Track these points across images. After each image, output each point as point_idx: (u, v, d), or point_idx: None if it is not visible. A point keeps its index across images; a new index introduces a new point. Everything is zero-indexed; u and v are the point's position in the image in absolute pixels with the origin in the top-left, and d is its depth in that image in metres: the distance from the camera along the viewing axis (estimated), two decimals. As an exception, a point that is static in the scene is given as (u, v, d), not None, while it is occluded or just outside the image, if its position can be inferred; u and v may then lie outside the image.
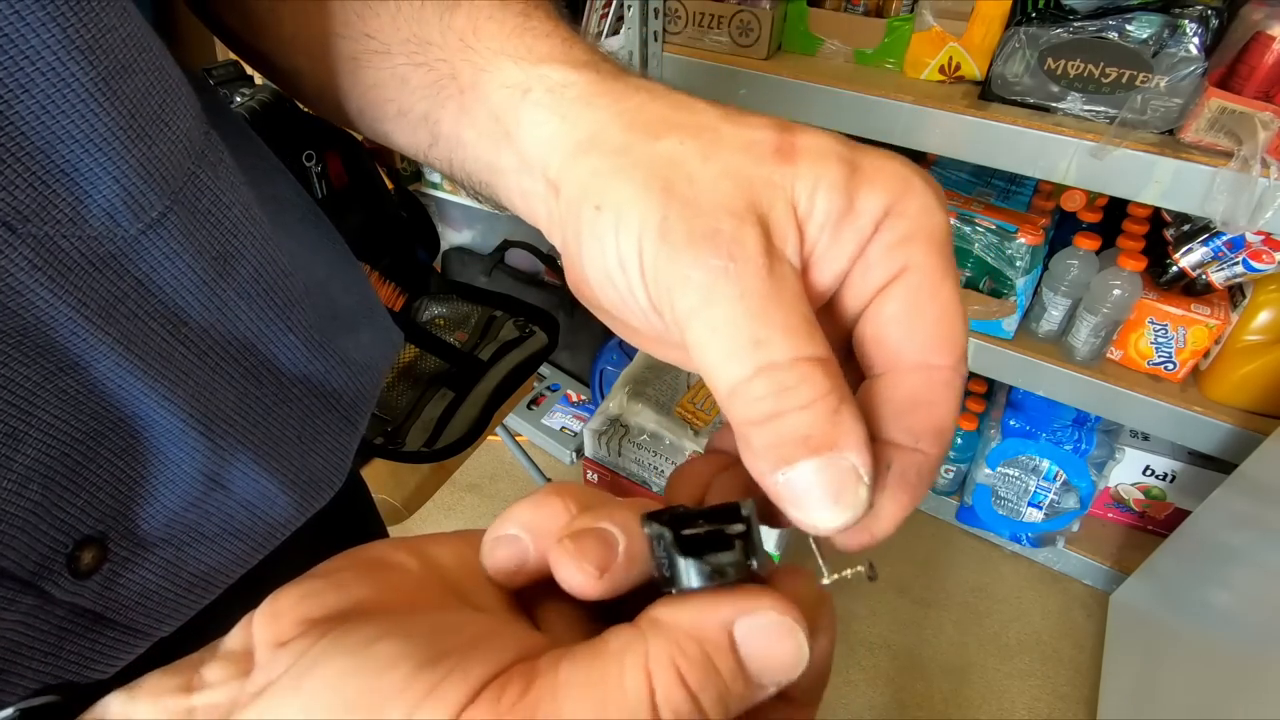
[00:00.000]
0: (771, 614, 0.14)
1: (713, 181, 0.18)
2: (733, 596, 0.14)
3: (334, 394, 0.33)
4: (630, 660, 0.14)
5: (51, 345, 0.22)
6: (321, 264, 0.35)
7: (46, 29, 0.20)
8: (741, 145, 0.18)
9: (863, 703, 1.22)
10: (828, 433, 0.16)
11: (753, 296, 0.16)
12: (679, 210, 0.17)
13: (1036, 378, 1.13)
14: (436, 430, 0.83)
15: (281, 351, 0.30)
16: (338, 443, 0.33)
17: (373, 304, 0.39)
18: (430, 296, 0.94)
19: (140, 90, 0.23)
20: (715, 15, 1.09)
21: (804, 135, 0.18)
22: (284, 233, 0.31)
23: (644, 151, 0.19)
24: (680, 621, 0.14)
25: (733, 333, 0.16)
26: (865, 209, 0.18)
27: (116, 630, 0.26)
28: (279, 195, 0.34)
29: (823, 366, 0.16)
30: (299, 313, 0.30)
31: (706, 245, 0.17)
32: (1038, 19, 0.90)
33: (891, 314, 0.18)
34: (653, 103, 0.20)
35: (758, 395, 0.16)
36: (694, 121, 0.19)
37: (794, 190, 0.18)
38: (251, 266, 0.28)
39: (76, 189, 0.22)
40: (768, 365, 0.16)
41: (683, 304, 0.17)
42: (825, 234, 0.18)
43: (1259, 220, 0.82)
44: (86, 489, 0.24)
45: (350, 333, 0.34)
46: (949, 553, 1.43)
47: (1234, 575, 0.99)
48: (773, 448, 0.16)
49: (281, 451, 0.30)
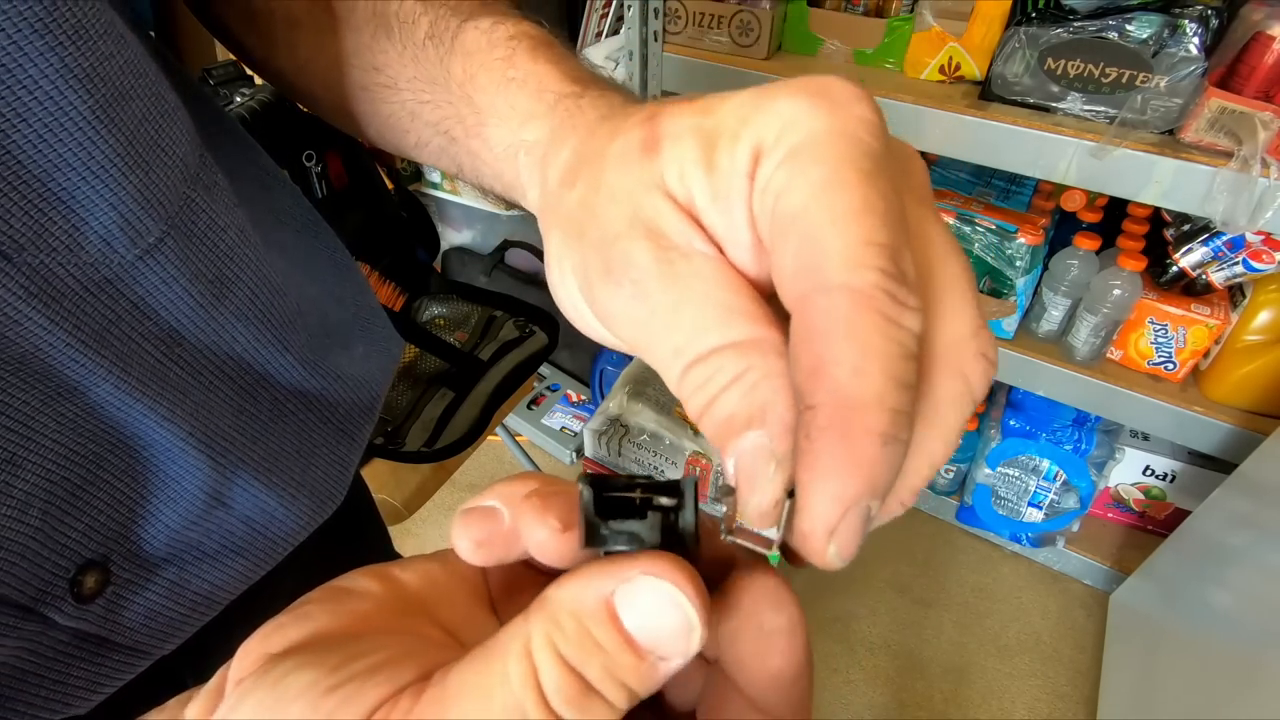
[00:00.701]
0: (646, 578, 0.13)
1: (603, 210, 0.17)
2: (613, 565, 0.14)
3: (331, 408, 0.33)
4: (514, 648, 0.13)
5: (49, 371, 0.22)
6: (315, 279, 0.35)
7: (45, 58, 0.20)
8: (617, 156, 0.18)
9: (863, 703, 1.22)
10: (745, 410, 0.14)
11: (657, 310, 0.16)
12: (590, 253, 0.17)
13: (1036, 378, 1.13)
14: (436, 430, 0.83)
15: (277, 369, 0.30)
16: (337, 456, 0.33)
17: (369, 315, 0.39)
18: (430, 296, 0.94)
19: (137, 117, 0.23)
20: (715, 15, 1.09)
21: (666, 119, 0.17)
22: (278, 250, 0.31)
23: (565, 201, 0.19)
24: (560, 597, 0.14)
25: (657, 349, 0.16)
26: (726, 165, 0.16)
27: (121, 653, 0.26)
28: (276, 207, 0.34)
29: (738, 348, 0.15)
30: (293, 331, 0.30)
31: (611, 278, 0.17)
32: (1038, 19, 0.90)
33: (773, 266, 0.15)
34: (578, 146, 0.20)
35: (688, 394, 0.16)
36: (592, 153, 0.19)
37: (665, 182, 0.16)
38: (247, 288, 0.28)
39: (73, 216, 0.22)
40: (688, 364, 0.15)
41: (622, 335, 0.17)
42: (709, 211, 0.16)
43: (1259, 220, 0.82)
44: (88, 512, 0.24)
45: (343, 348, 0.34)
46: (949, 553, 1.43)
47: (1234, 575, 0.99)
48: (714, 438, 0.15)
49: (281, 467, 0.30)
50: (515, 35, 0.25)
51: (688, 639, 0.13)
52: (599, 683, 0.13)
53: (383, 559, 0.59)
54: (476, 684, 0.13)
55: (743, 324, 0.15)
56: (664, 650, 0.13)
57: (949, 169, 1.23)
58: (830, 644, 1.29)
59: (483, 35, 0.25)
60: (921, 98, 0.98)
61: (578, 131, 0.21)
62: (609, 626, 0.13)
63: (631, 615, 0.13)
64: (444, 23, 0.26)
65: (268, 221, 0.31)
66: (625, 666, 0.13)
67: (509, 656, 0.13)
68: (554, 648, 0.13)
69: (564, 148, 0.21)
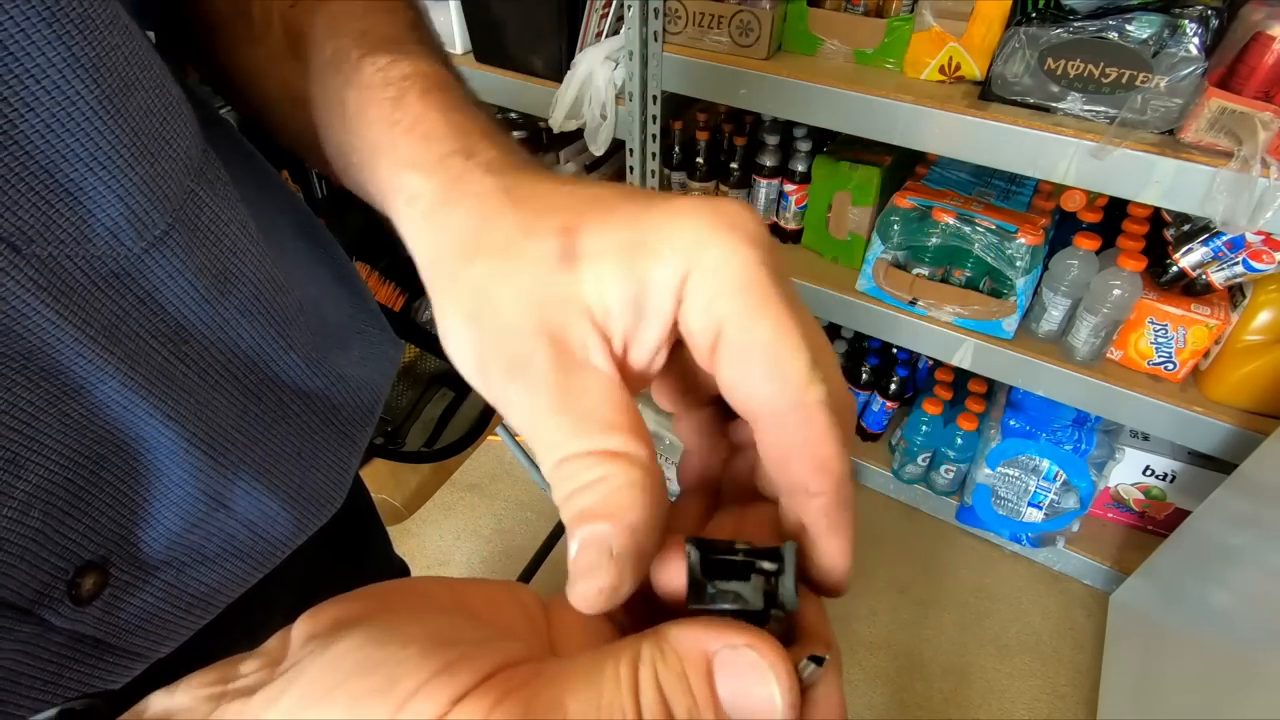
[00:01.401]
0: (748, 652, 0.15)
1: (509, 306, 0.18)
2: (724, 627, 0.15)
3: (333, 410, 0.33)
4: (625, 657, 0.15)
5: (55, 369, 0.22)
6: (313, 281, 0.35)
7: (52, 47, 0.20)
8: (532, 261, 0.19)
9: (863, 703, 1.22)
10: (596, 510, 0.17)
11: (543, 410, 0.18)
12: (488, 342, 0.19)
13: (1036, 378, 1.13)
14: (436, 430, 0.83)
15: (281, 368, 0.30)
16: (337, 459, 0.33)
17: (368, 318, 0.39)
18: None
19: (143, 108, 0.23)
20: (715, 15, 1.09)
21: (586, 235, 0.18)
22: (278, 250, 0.31)
23: (460, 278, 0.20)
24: (669, 636, 0.15)
25: (539, 439, 0.18)
26: (658, 285, 0.18)
27: (116, 655, 0.26)
28: (273, 210, 0.34)
29: (607, 455, 0.17)
30: (296, 329, 0.30)
31: (509, 375, 0.18)
32: (1038, 19, 0.90)
33: (727, 379, 0.18)
34: (470, 218, 0.20)
35: (556, 485, 0.18)
36: (497, 238, 0.19)
37: (583, 297, 0.18)
38: (251, 284, 0.28)
39: (80, 208, 0.22)
40: (559, 461, 0.17)
41: (510, 418, 0.19)
42: (629, 321, 0.18)
43: (1259, 220, 0.82)
44: (88, 514, 0.24)
45: (341, 349, 0.34)
46: (949, 553, 1.43)
47: (1234, 575, 0.99)
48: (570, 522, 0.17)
49: (281, 469, 0.30)
50: (409, 75, 0.24)
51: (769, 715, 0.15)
52: None
53: (382, 563, 0.59)
54: (588, 677, 0.14)
55: (617, 437, 0.17)
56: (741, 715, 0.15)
57: (949, 169, 1.23)
58: (830, 644, 1.29)
59: (378, 72, 0.24)
60: (921, 98, 0.98)
61: (469, 198, 0.21)
62: (703, 680, 0.15)
63: (724, 676, 0.15)
64: (343, 53, 0.25)
65: (266, 222, 0.31)
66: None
67: (620, 664, 0.14)
68: (655, 673, 0.14)
69: (455, 212, 0.21)
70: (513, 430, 1.51)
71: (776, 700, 0.15)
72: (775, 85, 1.08)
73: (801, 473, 0.18)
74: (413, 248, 0.22)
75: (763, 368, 0.17)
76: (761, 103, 1.11)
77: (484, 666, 0.14)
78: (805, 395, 0.17)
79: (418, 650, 0.14)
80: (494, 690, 0.13)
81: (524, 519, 1.50)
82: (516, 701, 0.13)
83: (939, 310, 1.16)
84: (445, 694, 0.13)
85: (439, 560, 1.43)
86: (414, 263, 0.22)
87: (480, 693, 0.13)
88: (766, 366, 0.17)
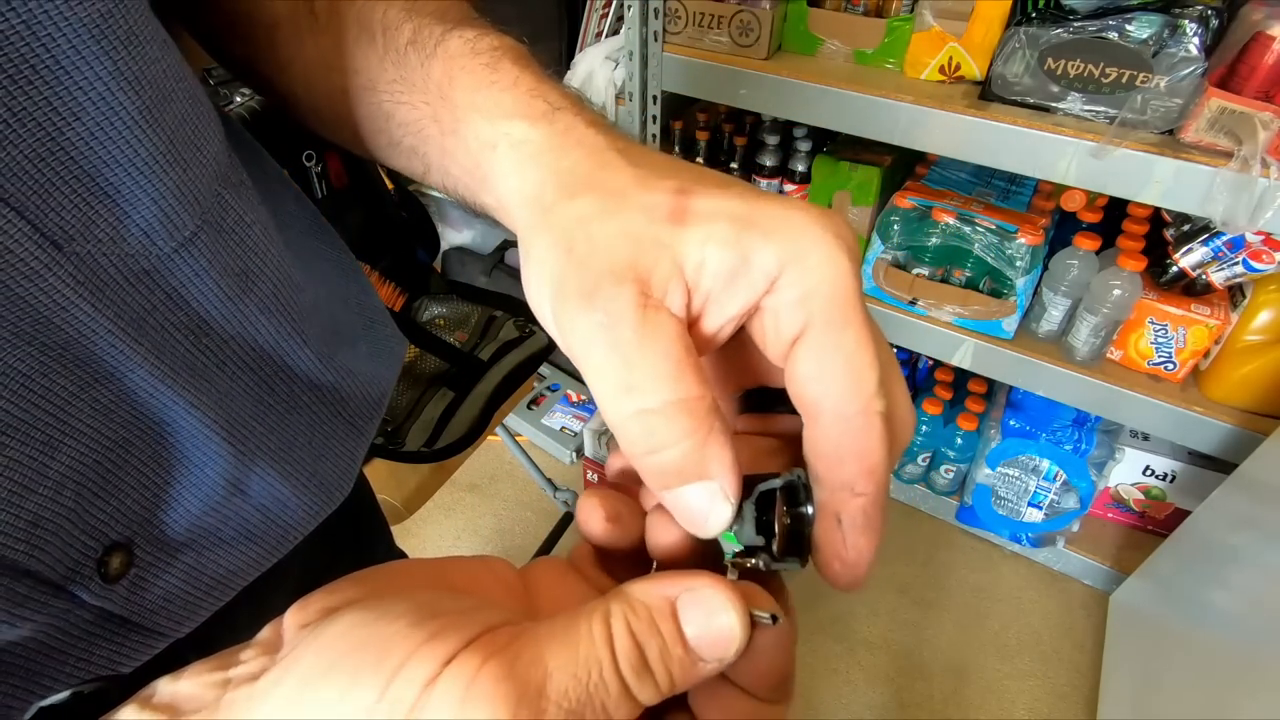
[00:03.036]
0: (707, 589, 0.17)
1: (606, 241, 0.19)
2: (684, 576, 0.17)
3: (342, 402, 0.34)
4: (597, 615, 0.16)
5: (89, 357, 0.23)
6: (322, 280, 0.36)
7: (100, 61, 0.22)
8: (641, 207, 0.20)
9: (863, 703, 1.22)
10: (696, 465, 0.18)
11: (623, 347, 0.18)
12: (574, 269, 0.20)
13: (1036, 378, 1.13)
14: (436, 430, 0.83)
15: (295, 361, 0.31)
16: (346, 449, 0.35)
17: (374, 314, 0.40)
18: (430, 296, 0.94)
19: (179, 118, 0.25)
20: (715, 15, 1.09)
21: (700, 198, 0.20)
22: (292, 249, 0.32)
23: (562, 211, 0.21)
24: (634, 591, 0.17)
25: (609, 378, 0.19)
26: (758, 263, 0.19)
27: (141, 633, 0.27)
28: (283, 209, 0.35)
29: (689, 406, 0.18)
30: (310, 325, 0.32)
31: (587, 302, 0.19)
32: (1038, 19, 0.90)
33: (804, 373, 0.19)
34: (584, 161, 0.22)
35: (635, 435, 0.18)
36: (609, 182, 0.21)
37: (681, 250, 0.19)
38: (270, 282, 0.29)
39: (118, 210, 0.23)
40: (640, 410, 0.18)
41: (575, 349, 0.19)
42: (717, 286, 0.19)
43: (1259, 220, 0.82)
44: (116, 495, 0.25)
45: (349, 345, 0.36)
46: (949, 553, 1.43)
47: (1234, 575, 0.99)
48: (653, 476, 0.19)
49: (294, 457, 0.32)
50: (498, 47, 0.26)
51: (730, 645, 0.17)
52: (653, 663, 0.16)
53: (384, 553, 0.60)
54: (565, 635, 0.16)
55: (692, 384, 0.18)
56: (709, 652, 0.17)
57: (949, 169, 1.23)
58: (830, 644, 1.29)
59: (466, 43, 0.27)
60: (921, 98, 0.98)
61: (582, 148, 0.22)
62: (670, 621, 0.16)
63: (689, 615, 0.17)
64: (427, 30, 0.27)
65: (279, 222, 0.33)
66: (674, 658, 0.16)
67: (593, 620, 0.16)
68: (627, 623, 0.16)
69: (566, 156, 0.22)
70: (513, 430, 1.51)
71: (736, 626, 0.17)
72: (775, 85, 1.08)
73: (852, 473, 0.19)
74: (511, 186, 0.23)
75: (842, 371, 0.19)
76: (761, 103, 1.11)
77: (468, 632, 0.15)
78: (872, 404, 0.19)
79: (405, 623, 0.15)
80: (479, 652, 0.14)
81: (524, 519, 1.50)
82: (501, 661, 0.14)
83: (939, 310, 1.16)
84: (434, 659, 0.14)
85: (439, 560, 1.43)
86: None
87: (466, 654, 0.14)
88: (845, 371, 0.19)
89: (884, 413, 0.19)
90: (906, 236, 1.16)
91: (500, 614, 0.16)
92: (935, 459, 1.41)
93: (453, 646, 0.14)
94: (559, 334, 0.20)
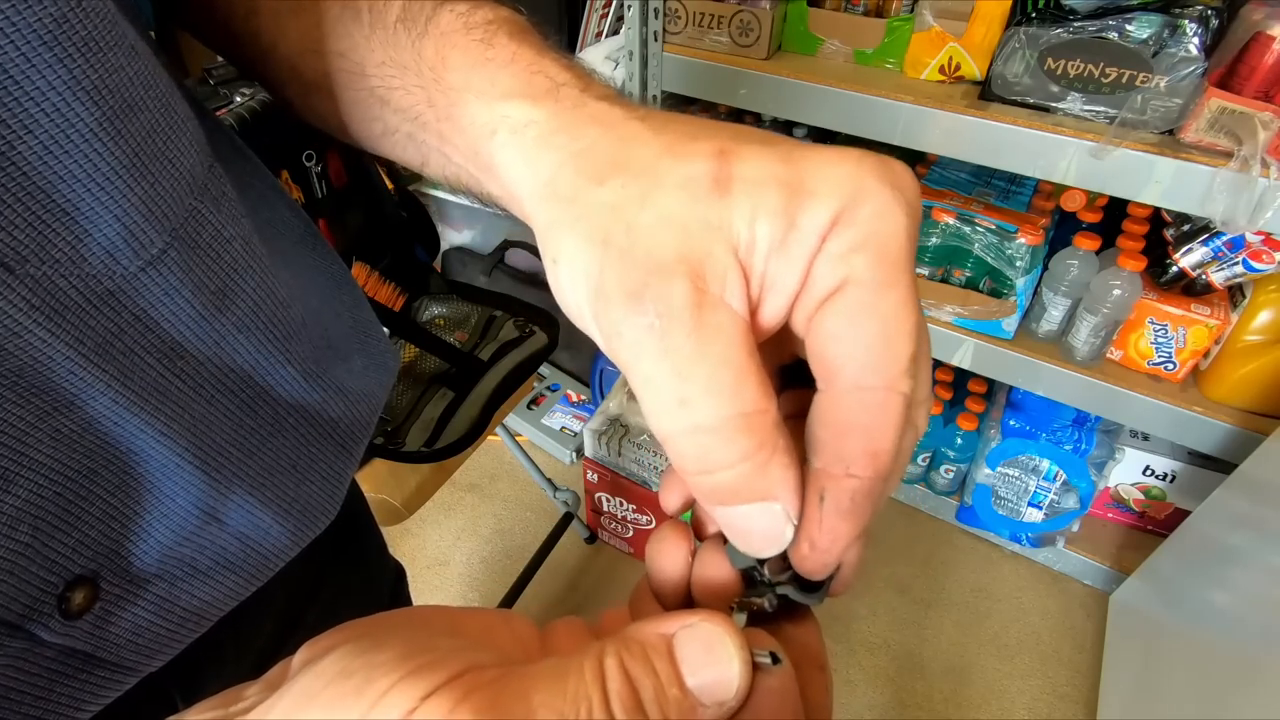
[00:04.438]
0: (704, 625, 0.16)
1: (648, 230, 0.17)
2: (680, 614, 0.16)
3: (330, 423, 0.33)
4: (589, 655, 0.16)
5: (47, 385, 0.22)
6: (314, 291, 0.34)
7: (53, 70, 0.20)
8: (679, 183, 0.18)
9: (863, 703, 1.22)
10: (755, 487, 0.17)
11: (677, 354, 0.16)
12: (614, 265, 0.17)
13: (1036, 378, 1.13)
14: (436, 430, 0.83)
15: (277, 382, 0.29)
16: (332, 471, 0.33)
17: (367, 327, 0.38)
18: (430, 296, 0.94)
19: (145, 128, 0.23)
20: (715, 15, 1.09)
21: (743, 161, 0.18)
22: (281, 260, 0.31)
23: (588, 200, 0.19)
24: (630, 629, 0.16)
25: (660, 390, 0.17)
26: (808, 224, 0.17)
27: (107, 669, 0.25)
28: (275, 219, 0.34)
29: (750, 423, 0.16)
30: (296, 344, 0.30)
31: (634, 303, 0.17)
32: (1038, 19, 0.90)
33: (829, 330, 0.17)
34: (602, 139, 0.20)
35: (688, 452, 0.17)
36: (637, 159, 0.19)
37: (732, 227, 0.17)
38: (250, 300, 0.27)
39: (76, 228, 0.22)
40: (693, 427, 0.16)
41: (621, 355, 0.17)
42: (772, 261, 0.17)
43: (1259, 220, 0.82)
44: (79, 528, 0.23)
45: (343, 360, 0.34)
46: (949, 553, 1.43)
47: (1234, 575, 0.99)
48: (707, 494, 0.18)
49: (276, 482, 0.30)
50: (493, 20, 0.24)
51: (727, 686, 0.16)
52: (648, 704, 0.15)
53: (377, 566, 0.58)
54: (554, 674, 0.15)
55: (752, 395, 0.16)
56: (708, 695, 0.15)
57: (949, 169, 1.23)
58: (830, 644, 1.29)
59: (458, 18, 0.24)
60: (921, 98, 0.98)
61: (595, 124, 0.20)
62: (666, 660, 0.16)
63: (686, 652, 0.16)
64: (417, 6, 0.25)
65: (268, 232, 0.31)
66: (670, 699, 0.15)
67: (585, 659, 0.15)
68: (620, 660, 0.15)
69: (580, 136, 0.20)
70: (513, 430, 1.52)
71: (735, 662, 0.16)
72: (775, 85, 1.08)
73: (853, 450, 0.17)
74: (518, 176, 0.21)
75: (874, 336, 0.17)
76: (761, 103, 1.11)
77: (453, 668, 0.15)
78: (898, 382, 0.17)
79: (392, 655, 0.15)
80: (460, 687, 0.14)
81: (524, 519, 1.50)
82: (483, 696, 0.14)
83: (939, 310, 1.16)
84: (414, 691, 0.14)
85: (439, 560, 1.44)
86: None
87: (447, 689, 0.14)
88: (878, 336, 0.17)
89: (908, 395, 0.17)
90: (906, 236, 1.16)
91: (492, 656, 0.16)
92: (935, 459, 1.41)
93: (435, 681, 0.14)
94: (602, 339, 0.18)
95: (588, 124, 0.20)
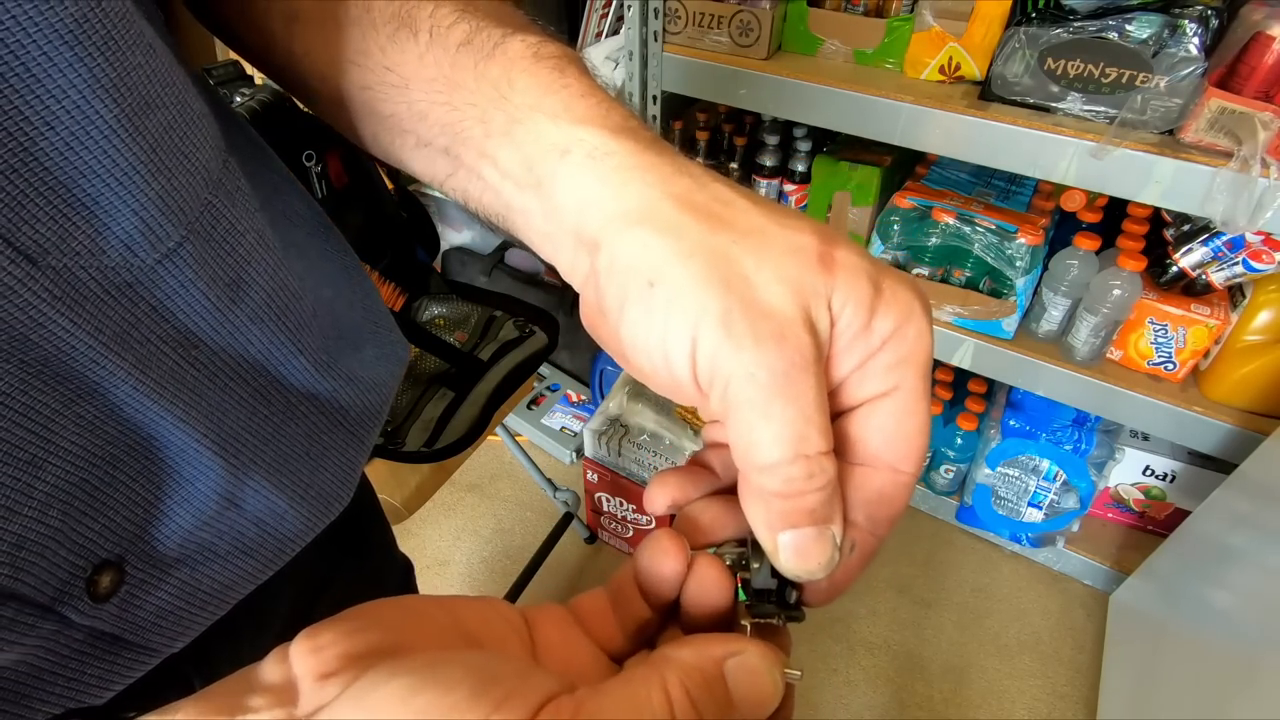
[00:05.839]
0: (753, 654, 0.18)
1: (768, 285, 0.20)
2: (724, 640, 0.18)
3: (341, 411, 0.33)
4: (655, 683, 0.17)
5: (70, 373, 0.23)
6: (327, 282, 0.35)
7: (74, 69, 0.21)
8: (789, 249, 0.20)
9: (863, 703, 1.22)
10: (827, 511, 0.20)
11: (806, 398, 0.19)
12: (742, 308, 0.19)
13: (1036, 378, 1.13)
14: (436, 430, 0.83)
15: (290, 372, 0.30)
16: (345, 459, 0.34)
17: (379, 318, 0.39)
18: (430, 296, 0.94)
19: (162, 125, 0.24)
20: (715, 15, 1.09)
21: (841, 248, 0.21)
22: (294, 252, 0.31)
23: (700, 241, 0.20)
24: (686, 657, 0.18)
25: (784, 426, 0.19)
26: (878, 329, 0.20)
27: (133, 651, 0.26)
28: (289, 210, 0.35)
29: (831, 458, 0.20)
30: (308, 334, 0.31)
31: (773, 347, 0.19)
32: (1038, 19, 0.90)
33: (878, 424, 0.21)
34: (699, 192, 0.22)
35: (791, 476, 0.19)
36: (742, 222, 0.21)
37: (832, 299, 0.20)
38: (263, 291, 0.28)
39: (96, 221, 0.22)
40: (803, 456, 0.19)
41: (739, 393, 0.19)
42: (843, 341, 0.20)
43: (1259, 220, 0.82)
44: (105, 513, 0.24)
45: (355, 350, 0.35)
46: (949, 553, 1.43)
47: (1234, 575, 0.99)
48: (786, 515, 0.20)
49: (290, 469, 0.31)
50: (562, 55, 0.26)
51: (770, 703, 0.18)
52: None
53: (386, 560, 0.59)
54: (627, 701, 0.16)
55: (831, 436, 0.20)
56: (748, 710, 0.18)
57: (949, 169, 1.23)
58: (830, 644, 1.29)
59: (528, 47, 0.26)
60: (921, 98, 0.98)
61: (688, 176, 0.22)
62: (722, 686, 0.17)
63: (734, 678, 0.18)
64: (485, 32, 0.26)
65: (282, 224, 0.32)
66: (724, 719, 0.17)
67: (652, 686, 0.17)
68: (686, 691, 0.17)
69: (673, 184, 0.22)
70: (513, 430, 1.51)
71: (780, 687, 0.18)
72: (775, 85, 1.08)
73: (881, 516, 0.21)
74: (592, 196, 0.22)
75: (913, 436, 0.21)
76: (761, 103, 1.11)
77: (531, 701, 0.15)
78: (918, 470, 0.21)
79: (467, 693, 0.15)
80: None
81: (524, 519, 1.50)
82: None
83: (939, 310, 1.16)
84: None
85: (439, 560, 1.44)
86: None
87: None
88: (916, 436, 0.21)
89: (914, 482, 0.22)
90: (906, 236, 1.16)
91: (550, 679, 0.16)
92: (935, 459, 1.41)
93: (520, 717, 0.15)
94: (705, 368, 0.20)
95: (675, 173, 0.22)
